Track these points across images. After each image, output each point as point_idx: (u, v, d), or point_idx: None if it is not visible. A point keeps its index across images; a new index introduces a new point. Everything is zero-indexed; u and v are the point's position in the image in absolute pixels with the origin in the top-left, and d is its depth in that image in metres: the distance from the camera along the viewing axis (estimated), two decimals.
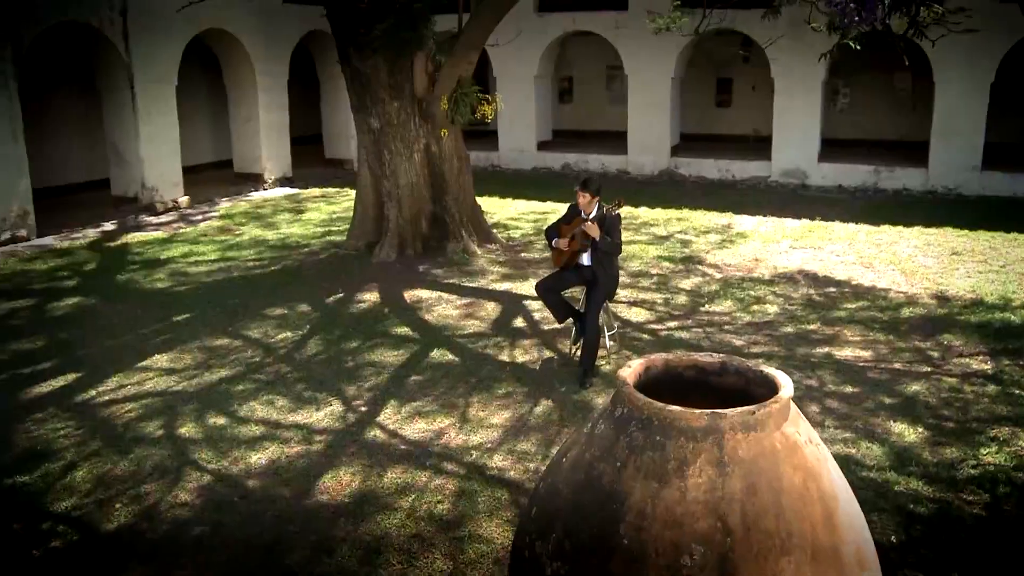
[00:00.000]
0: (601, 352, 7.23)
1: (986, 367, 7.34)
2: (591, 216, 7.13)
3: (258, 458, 5.81)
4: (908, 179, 16.16)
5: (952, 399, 6.67)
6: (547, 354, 7.71)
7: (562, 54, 20.88)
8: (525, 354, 7.69)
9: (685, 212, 14.19)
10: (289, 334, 8.30)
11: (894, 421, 6.26)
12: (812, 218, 13.57)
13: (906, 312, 8.80)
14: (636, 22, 17.78)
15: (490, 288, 9.78)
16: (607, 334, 7.38)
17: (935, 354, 7.66)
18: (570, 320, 7.52)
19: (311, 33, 17.58)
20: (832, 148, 17.41)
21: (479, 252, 11.09)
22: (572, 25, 18.41)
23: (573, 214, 7.33)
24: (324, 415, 6.46)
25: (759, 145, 19.94)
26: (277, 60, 16.92)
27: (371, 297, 9.48)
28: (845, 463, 5.54)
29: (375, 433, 6.16)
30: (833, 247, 11.69)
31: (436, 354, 7.70)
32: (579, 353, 7.37)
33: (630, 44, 17.98)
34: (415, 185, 10.74)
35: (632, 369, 3.44)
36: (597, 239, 6.97)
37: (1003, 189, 15.42)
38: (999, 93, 15.97)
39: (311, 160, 19.07)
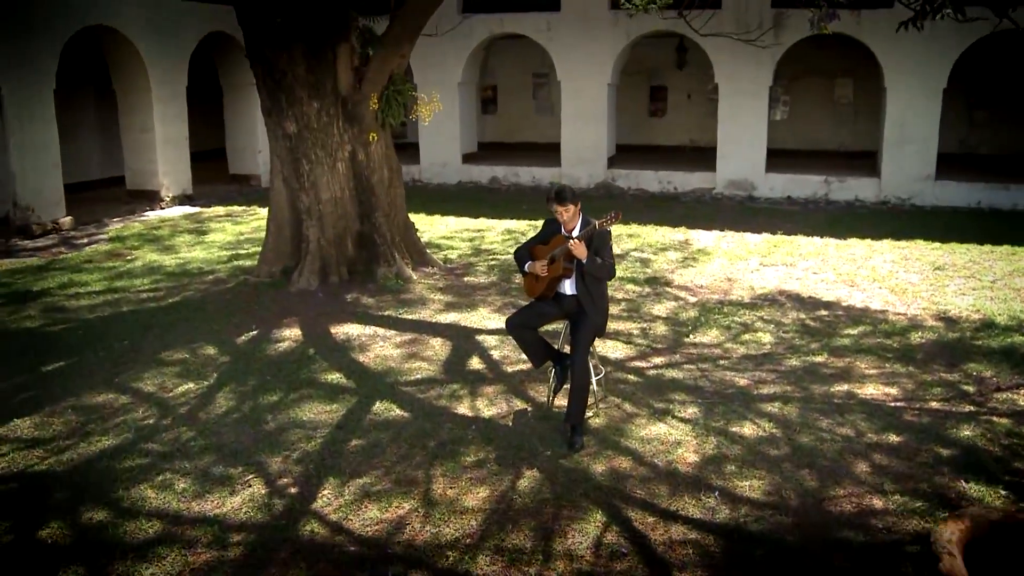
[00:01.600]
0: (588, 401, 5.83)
1: None
2: (574, 232, 5.74)
3: (151, 573, 4.18)
4: (860, 189, 15.37)
5: (1017, 447, 5.53)
6: (518, 404, 6.26)
7: (485, 61, 19.55)
8: (491, 405, 6.22)
9: (634, 228, 12.98)
10: (192, 385, 6.62)
11: (965, 481, 5.05)
12: (773, 232, 12.55)
13: (915, 338, 7.70)
14: (569, 24, 16.61)
15: (434, 321, 8.27)
16: (593, 379, 5.97)
17: (969, 388, 6.55)
18: (548, 363, 6.11)
19: (211, 36, 15.77)
20: (775, 158, 16.52)
21: (415, 277, 9.57)
22: (500, 27, 17.09)
23: (551, 231, 5.93)
24: (242, 502, 4.85)
25: (695, 156, 19.01)
26: (174, 64, 15.03)
27: (291, 335, 7.85)
28: (930, 542, 4.27)
29: (313, 527, 4.59)
30: (806, 264, 10.62)
31: (379, 408, 6.16)
32: (558, 403, 5.96)
33: (563, 48, 16.77)
34: (339, 200, 9.16)
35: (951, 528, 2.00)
36: (584, 261, 5.58)
37: (957, 199, 14.76)
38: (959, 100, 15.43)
39: (213, 176, 17.19)
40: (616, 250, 11.39)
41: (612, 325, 8.03)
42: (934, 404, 6.25)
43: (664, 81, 19.98)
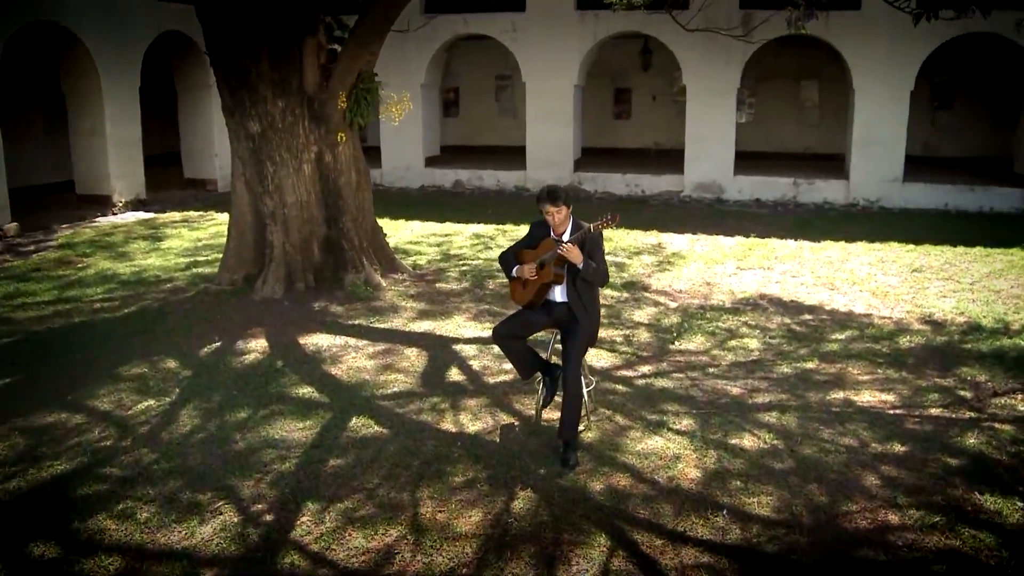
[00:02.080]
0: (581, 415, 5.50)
1: None
2: (565, 236, 5.42)
3: None
4: (829, 191, 15.31)
5: None
6: (503, 418, 5.91)
7: (447, 63, 19.18)
8: (475, 420, 5.86)
9: (605, 231, 12.65)
10: (152, 403, 6.16)
11: (979, 493, 4.82)
12: (746, 235, 12.39)
13: (904, 342, 7.53)
14: (535, 25, 16.34)
15: (407, 330, 7.89)
16: (584, 391, 5.64)
17: (966, 394, 6.37)
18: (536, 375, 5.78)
19: (166, 36, 15.18)
20: (742, 161, 16.39)
21: (384, 284, 9.17)
22: (464, 28, 16.74)
23: (539, 234, 5.60)
24: (212, 532, 4.43)
25: (661, 159, 18.85)
26: (127, 63, 14.41)
27: (257, 346, 7.41)
28: (956, 560, 4.04)
29: (293, 559, 4.19)
30: (783, 267, 10.44)
31: (357, 425, 5.77)
32: (546, 416, 5.64)
33: (528, 49, 16.49)
34: (305, 203, 8.73)
35: None
36: (579, 265, 5.26)
37: (924, 201, 14.76)
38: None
39: (168, 181, 16.58)
40: None
41: None
42: (934, 411, 6.05)
43: (629, 83, 19.80)
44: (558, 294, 5.51)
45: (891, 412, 6.01)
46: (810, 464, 5.18)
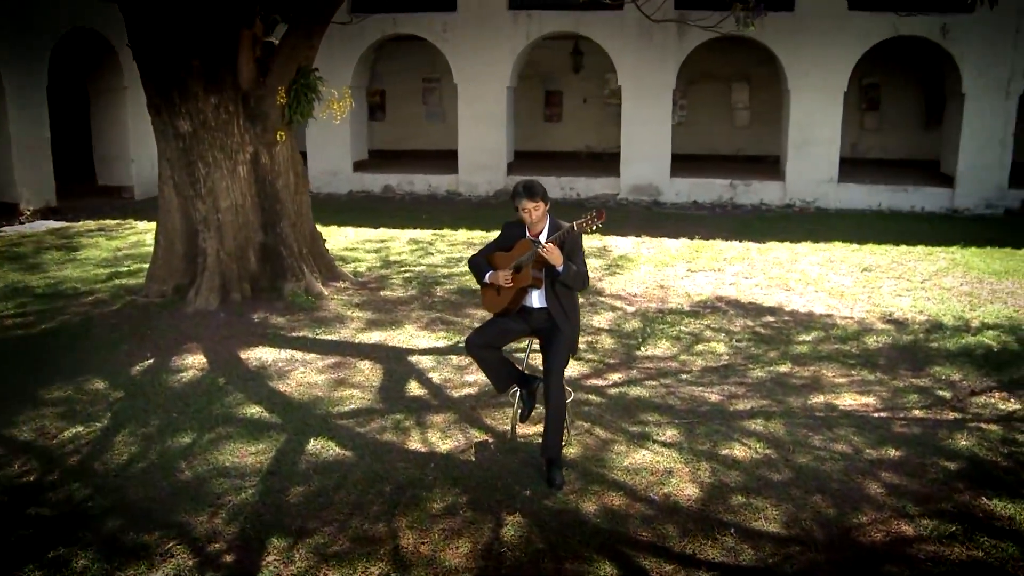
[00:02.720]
0: (540, 426, 5.10)
1: (1016, 406, 6.02)
2: (542, 236, 5.03)
3: None
4: (765, 193, 15.33)
5: (1020, 456, 5.19)
6: (475, 435, 5.46)
7: (373, 65, 18.60)
8: (445, 438, 5.40)
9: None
10: (81, 429, 5.50)
11: (987, 498, 4.62)
12: (691, 237, 12.24)
13: (871, 342, 7.39)
14: (466, 25, 15.93)
15: (357, 341, 7.36)
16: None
17: (945, 394, 6.23)
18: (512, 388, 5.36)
19: (75, 32, 14.20)
20: (676, 163, 16.28)
21: (326, 293, 8.62)
22: (393, 28, 16.21)
23: (513, 235, 5.19)
24: None
25: (592, 162, 18.67)
26: (32, 61, 13.40)
27: (195, 362, 6.78)
28: (982, 573, 3.80)
29: None
30: (734, 268, 10.28)
31: (315, 447, 5.24)
32: (521, 431, 5.23)
33: (460, 50, 16.07)
34: (240, 208, 8.11)
35: None
36: (559, 268, 4.87)
37: (859, 201, 14.92)
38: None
39: (79, 188, 15.54)
40: None
41: None
42: (917, 413, 5.87)
43: (559, 86, 19.56)
44: (536, 299, 5.11)
45: (876, 415, 5.80)
46: (808, 474, 4.90)
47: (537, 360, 5.22)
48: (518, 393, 5.35)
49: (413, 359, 6.91)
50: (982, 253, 11.10)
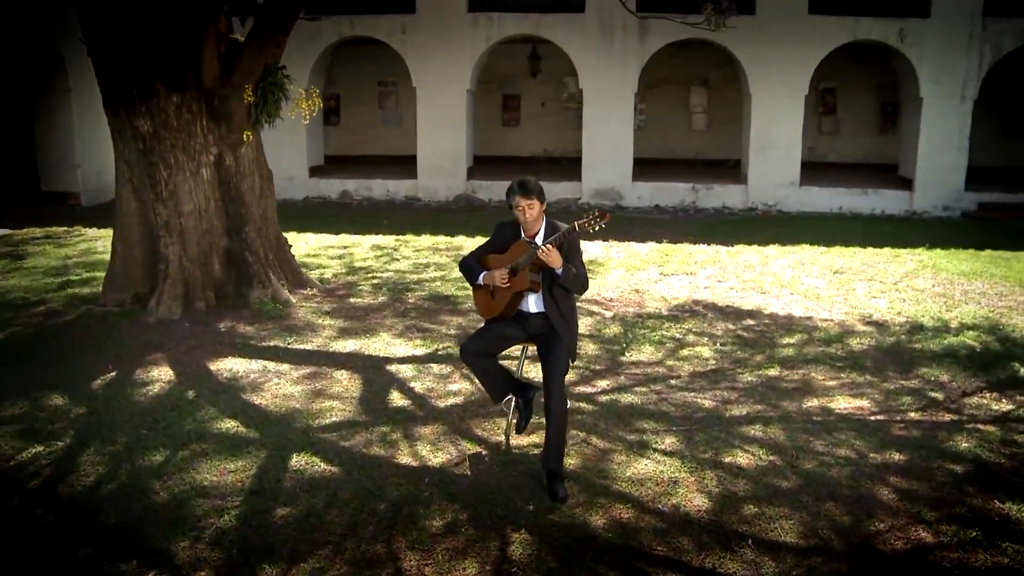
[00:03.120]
0: (540, 437, 4.87)
1: (1009, 406, 5.98)
2: (538, 237, 4.81)
3: None
4: (728, 196, 15.34)
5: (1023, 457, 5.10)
6: (467, 447, 5.20)
7: (328, 68, 18.20)
8: (436, 451, 5.13)
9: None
10: (41, 449, 5.10)
11: (1000, 501, 4.52)
12: (659, 241, 12.15)
13: (855, 344, 7.32)
14: (426, 27, 15.67)
15: (331, 350, 7.04)
16: None
17: (937, 395, 6.16)
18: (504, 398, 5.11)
19: (15, 31, 13.56)
20: (636, 167, 16.21)
21: (294, 300, 8.27)
22: (351, 30, 15.87)
23: (507, 237, 4.96)
24: None
25: (551, 167, 18.52)
26: None
27: (161, 375, 6.40)
28: None
29: None
30: (706, 272, 10.18)
31: (299, 464, 4.93)
32: (515, 442, 5.00)
33: (419, 52, 15.80)
34: (204, 212, 7.73)
35: None
36: (558, 270, 4.65)
37: (820, 204, 15.01)
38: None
39: (22, 194, 14.86)
40: None
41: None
42: (914, 415, 5.78)
43: (517, 90, 19.41)
44: (532, 304, 4.88)
45: (873, 419, 5.70)
46: (817, 480, 4.75)
47: (533, 368, 4.99)
48: (513, 403, 5.11)
49: (392, 368, 6.62)
50: (947, 255, 11.20)
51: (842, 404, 5.96)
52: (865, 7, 14.07)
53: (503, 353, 5.21)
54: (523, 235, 4.87)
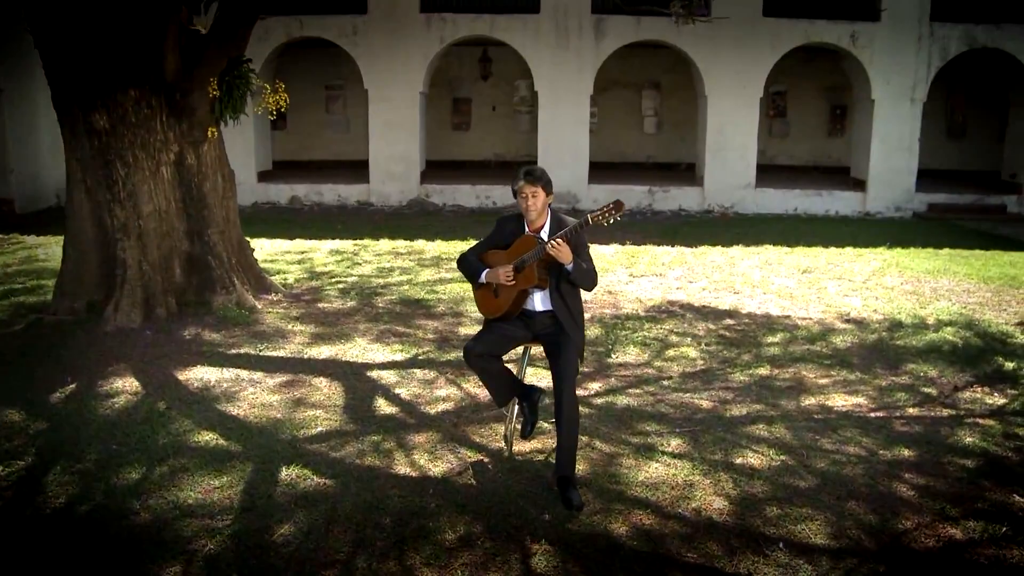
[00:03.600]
0: (543, 440, 4.65)
1: (1001, 400, 5.99)
2: (544, 232, 4.59)
3: None
4: (684, 199, 15.33)
5: None
6: (467, 455, 4.93)
7: (275, 70, 17.71)
8: (434, 460, 4.85)
9: (472, 243, 11.87)
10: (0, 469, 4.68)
11: (1019, 495, 4.43)
12: (622, 243, 12.03)
13: (839, 341, 7.27)
14: (378, 28, 15.34)
15: (306, 357, 6.70)
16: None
17: (930, 391, 6.13)
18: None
19: None
20: (591, 170, 16.12)
21: (259, 306, 7.89)
22: (300, 30, 15.45)
23: (510, 231, 4.73)
24: None
25: (503, 171, 18.31)
26: None
27: (126, 385, 5.98)
28: None
29: None
30: (675, 273, 10.09)
31: (290, 477, 4.60)
32: (518, 448, 4.76)
33: (371, 54, 15.45)
34: (164, 213, 7.31)
35: None
36: (568, 265, 4.43)
37: (775, 206, 15.10)
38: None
39: None
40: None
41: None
42: (912, 411, 5.71)
43: (467, 93, 19.17)
44: (539, 302, 4.65)
45: (873, 416, 5.61)
46: (833, 479, 4.62)
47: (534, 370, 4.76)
48: (517, 406, 4.86)
49: (373, 374, 6.32)
50: (908, 254, 11.32)
51: (839, 402, 5.87)
52: (817, 10, 14.24)
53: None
54: (527, 229, 4.64)
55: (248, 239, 8.72)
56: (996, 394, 6.07)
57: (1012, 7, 14.49)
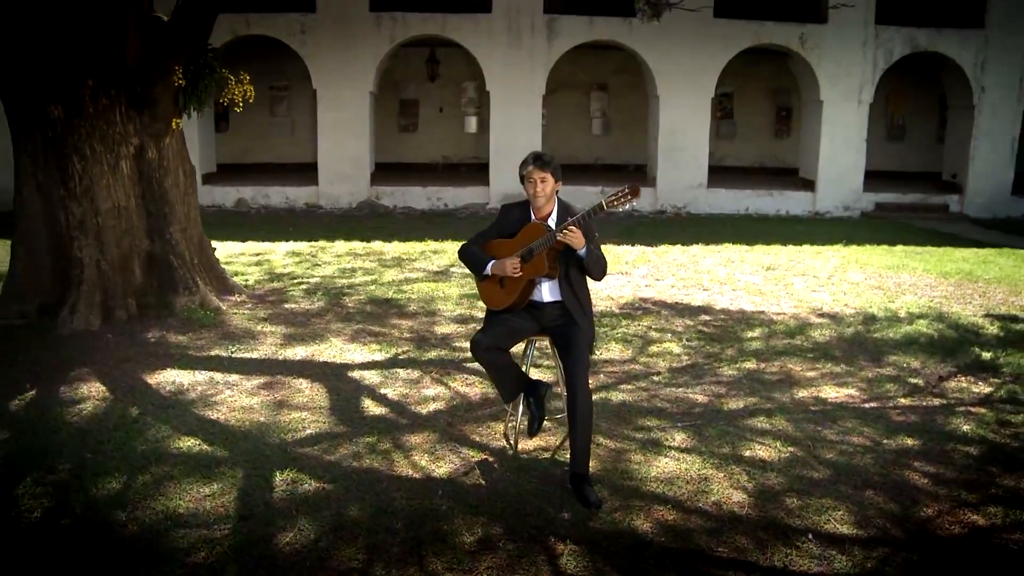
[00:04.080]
0: (546, 437, 4.48)
1: (987, 389, 6.07)
2: (551, 220, 4.43)
3: None
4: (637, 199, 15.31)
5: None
6: (470, 454, 4.73)
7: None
8: (437, 460, 4.64)
9: (431, 244, 11.73)
10: None
11: None
12: None
13: (818, 336, 7.29)
14: (327, 27, 15.01)
15: (282, 358, 6.40)
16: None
17: (917, 381, 6.17)
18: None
19: None
20: None
21: (224, 307, 7.54)
22: (246, 29, 15.00)
23: (515, 219, 4.56)
24: None
25: (450, 173, 18.11)
26: None
27: (92, 391, 5.60)
28: None
29: None
30: (640, 271, 10.04)
31: (285, 482, 4.33)
32: (522, 445, 4.59)
33: (320, 53, 15.11)
34: (124, 210, 6.92)
35: None
36: (581, 251, 4.28)
37: (727, 206, 15.23)
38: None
39: None
40: (430, 266, 10.11)
41: None
42: (904, 401, 5.73)
43: (415, 94, 18.90)
44: (547, 292, 4.49)
45: (867, 407, 5.60)
46: (845, 469, 4.56)
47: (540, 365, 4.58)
48: (523, 402, 4.68)
49: (355, 375, 6.06)
50: (865, 251, 11.50)
51: (831, 393, 5.84)
52: (767, 12, 14.41)
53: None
54: (533, 217, 4.47)
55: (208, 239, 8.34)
56: (981, 383, 6.13)
57: (952, 12, 14.92)
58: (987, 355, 6.76)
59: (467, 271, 9.59)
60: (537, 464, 4.59)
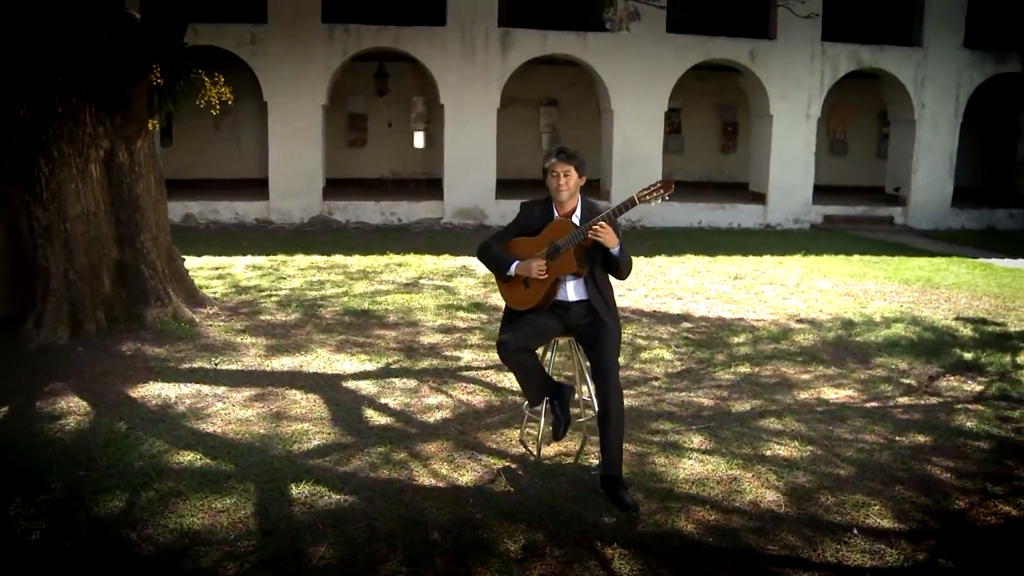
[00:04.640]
0: (565, 443, 4.36)
1: (978, 387, 6.21)
2: (575, 216, 4.34)
3: None
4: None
5: None
6: (491, 461, 4.56)
7: None
8: (459, 469, 4.46)
9: (394, 257, 11.49)
10: None
11: None
12: None
13: (802, 340, 7.35)
14: (278, 38, 14.68)
15: (269, 370, 6.13)
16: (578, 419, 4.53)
17: (910, 381, 6.27)
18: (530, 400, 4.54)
19: None
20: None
21: (197, 319, 7.22)
22: (194, 39, 14.41)
23: (537, 216, 4.46)
24: None
25: (400, 188, 17.88)
26: None
27: (72, 406, 5.25)
28: None
29: None
30: (613, 281, 9.96)
31: (303, 495, 4.10)
32: (546, 450, 4.47)
33: (271, 64, 14.75)
34: (93, 216, 6.56)
35: None
36: (614, 249, 4.20)
37: (681, 219, 15.38)
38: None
39: None
40: (399, 278, 9.92)
41: (485, 356, 6.57)
42: (903, 400, 5.80)
43: (363, 109, 18.63)
44: (572, 291, 4.38)
45: (869, 406, 5.64)
46: (869, 466, 4.56)
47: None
48: (546, 406, 4.54)
49: (349, 385, 5.83)
50: (824, 260, 11.71)
51: (831, 395, 5.87)
52: (717, 28, 14.65)
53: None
54: (556, 214, 4.36)
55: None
56: (970, 382, 6.24)
57: (892, 30, 15.43)
58: (969, 355, 6.90)
59: (443, 283, 9.55)
60: (563, 469, 4.46)
